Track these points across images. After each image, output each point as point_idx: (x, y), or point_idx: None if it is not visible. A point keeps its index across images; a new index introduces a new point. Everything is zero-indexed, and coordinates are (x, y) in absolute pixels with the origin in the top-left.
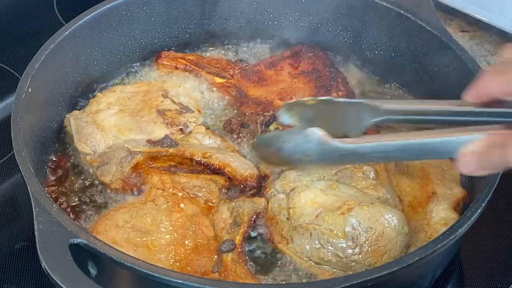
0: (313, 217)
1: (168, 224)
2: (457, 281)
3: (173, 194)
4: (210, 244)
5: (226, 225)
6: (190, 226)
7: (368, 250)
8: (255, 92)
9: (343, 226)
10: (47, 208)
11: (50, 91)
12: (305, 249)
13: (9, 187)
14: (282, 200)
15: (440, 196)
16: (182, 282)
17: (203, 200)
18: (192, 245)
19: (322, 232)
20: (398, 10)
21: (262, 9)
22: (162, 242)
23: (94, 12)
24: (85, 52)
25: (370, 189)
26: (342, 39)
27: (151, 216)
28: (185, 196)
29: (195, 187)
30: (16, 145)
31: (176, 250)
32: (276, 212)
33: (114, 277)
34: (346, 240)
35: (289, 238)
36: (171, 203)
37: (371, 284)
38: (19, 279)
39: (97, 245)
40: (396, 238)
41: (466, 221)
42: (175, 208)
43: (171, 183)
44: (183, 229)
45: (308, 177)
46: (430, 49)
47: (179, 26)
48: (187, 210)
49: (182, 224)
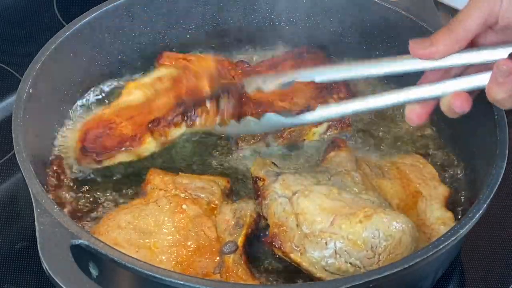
0: (327, 225)
1: (170, 225)
2: (458, 282)
3: (175, 195)
4: (212, 246)
5: (229, 227)
6: (193, 228)
7: (386, 259)
8: (256, 93)
9: (362, 234)
10: (48, 209)
11: (51, 92)
12: (320, 259)
13: (9, 187)
14: (286, 205)
15: (427, 196)
16: (183, 284)
17: (206, 201)
18: (194, 247)
19: (339, 241)
20: (399, 11)
21: (264, 9)
22: (164, 244)
23: (95, 12)
24: (86, 52)
25: (363, 194)
26: (343, 40)
27: (153, 217)
28: (187, 197)
29: (197, 188)
30: (17, 145)
31: (178, 252)
32: (283, 218)
33: (115, 278)
34: (366, 249)
35: (302, 248)
36: (174, 204)
37: (372, 286)
38: (19, 279)
39: (99, 246)
40: (411, 244)
41: (468, 221)
42: (177, 209)
43: (174, 184)
44: (186, 230)
45: (306, 181)
46: None
47: (180, 26)
48: (190, 211)
49: (185, 226)
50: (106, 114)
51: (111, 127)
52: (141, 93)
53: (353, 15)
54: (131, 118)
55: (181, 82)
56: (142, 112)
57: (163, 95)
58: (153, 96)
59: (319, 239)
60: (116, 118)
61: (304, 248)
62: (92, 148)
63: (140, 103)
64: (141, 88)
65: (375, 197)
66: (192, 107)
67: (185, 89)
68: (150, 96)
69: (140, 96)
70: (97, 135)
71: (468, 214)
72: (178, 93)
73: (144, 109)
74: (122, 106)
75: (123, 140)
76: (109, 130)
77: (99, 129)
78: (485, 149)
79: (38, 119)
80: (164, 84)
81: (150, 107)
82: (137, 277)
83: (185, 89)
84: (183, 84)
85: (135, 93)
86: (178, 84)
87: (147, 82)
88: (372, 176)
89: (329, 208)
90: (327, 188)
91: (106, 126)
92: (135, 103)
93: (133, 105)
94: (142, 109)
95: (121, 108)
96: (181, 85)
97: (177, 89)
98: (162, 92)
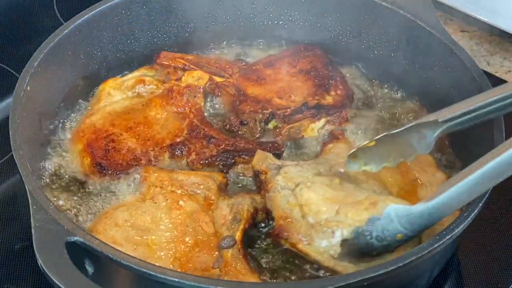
0: (333, 214)
1: (168, 221)
2: (455, 281)
3: (172, 192)
4: (210, 241)
5: (226, 222)
6: (190, 223)
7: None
8: (254, 91)
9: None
10: (44, 206)
11: (49, 90)
12: (328, 248)
13: (9, 187)
14: (289, 197)
15: (427, 183)
16: (178, 281)
17: (202, 197)
18: (192, 242)
19: (346, 229)
20: (398, 10)
21: (261, 8)
22: (162, 240)
23: (93, 11)
24: (84, 51)
25: (364, 183)
26: (341, 39)
27: (150, 214)
28: (184, 194)
29: (193, 184)
30: (14, 143)
31: (177, 248)
32: (287, 210)
33: (111, 275)
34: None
35: (309, 238)
36: (170, 200)
37: (367, 284)
38: (19, 279)
39: (94, 243)
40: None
41: (463, 220)
42: (174, 206)
43: (170, 180)
44: (183, 226)
45: (308, 172)
46: (429, 49)
47: (179, 25)
48: (187, 207)
49: (182, 222)
50: (97, 122)
51: (113, 139)
52: (121, 95)
53: (351, 13)
54: (130, 130)
55: (175, 93)
56: (138, 121)
57: (158, 106)
58: (140, 102)
59: (325, 228)
60: (112, 129)
61: (311, 238)
62: (108, 165)
63: (128, 109)
64: (120, 89)
65: (376, 186)
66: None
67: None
68: (137, 102)
69: (123, 100)
70: (102, 148)
71: (463, 213)
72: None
73: (138, 118)
74: (109, 111)
75: (137, 158)
76: (113, 142)
77: (101, 142)
78: (483, 148)
79: (35, 117)
80: (148, 87)
81: (145, 118)
82: (132, 274)
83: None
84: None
85: (115, 95)
86: (173, 96)
87: (129, 84)
88: None
89: (332, 197)
90: (328, 179)
91: (106, 138)
92: (122, 108)
93: (121, 111)
94: (135, 117)
95: (109, 114)
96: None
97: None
98: (156, 100)
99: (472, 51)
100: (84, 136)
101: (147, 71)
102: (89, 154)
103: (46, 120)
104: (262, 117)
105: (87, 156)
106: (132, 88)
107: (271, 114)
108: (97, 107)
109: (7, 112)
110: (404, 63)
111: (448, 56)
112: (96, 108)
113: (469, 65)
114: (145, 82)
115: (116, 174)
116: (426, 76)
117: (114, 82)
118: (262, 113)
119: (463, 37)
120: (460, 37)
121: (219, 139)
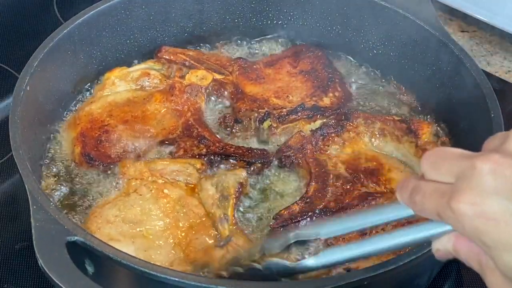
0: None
1: (158, 211)
2: (455, 280)
3: (153, 182)
4: (204, 222)
5: (215, 200)
6: (180, 209)
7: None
8: (252, 89)
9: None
10: (44, 206)
11: (49, 89)
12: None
13: (9, 187)
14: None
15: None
16: (178, 280)
17: (184, 183)
18: (187, 226)
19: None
20: (398, 10)
21: (262, 8)
22: (157, 229)
23: (92, 10)
24: (84, 50)
25: None
26: (341, 39)
27: (138, 206)
28: (166, 182)
29: (173, 172)
30: (14, 143)
31: (174, 234)
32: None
33: (111, 274)
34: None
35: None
36: (155, 190)
37: (367, 283)
38: (19, 279)
39: (94, 243)
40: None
41: None
42: (160, 195)
43: (148, 171)
44: (174, 212)
45: None
46: (429, 49)
47: (178, 24)
48: (172, 195)
49: (172, 208)
50: (95, 111)
51: (107, 130)
52: (125, 86)
53: (351, 13)
54: (126, 122)
55: (176, 91)
56: (135, 115)
57: (158, 101)
58: (142, 95)
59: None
60: (109, 120)
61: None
62: (96, 156)
63: (129, 102)
64: (125, 80)
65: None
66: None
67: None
68: (139, 95)
69: (126, 91)
70: (95, 138)
71: None
72: (180, 115)
73: (136, 111)
74: (110, 101)
75: (126, 152)
76: (106, 133)
77: (95, 132)
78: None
79: (35, 116)
80: (153, 81)
81: (143, 111)
82: (132, 273)
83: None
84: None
85: (119, 85)
86: (174, 93)
87: (134, 76)
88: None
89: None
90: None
91: (101, 128)
92: (123, 100)
93: (121, 103)
94: (134, 110)
95: (109, 104)
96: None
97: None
98: (157, 95)
99: (472, 51)
100: (79, 124)
101: (154, 64)
102: (80, 143)
103: (46, 119)
104: (257, 116)
105: (78, 145)
106: (137, 81)
107: (266, 114)
108: (100, 94)
109: (7, 113)
110: (403, 62)
111: (448, 55)
112: (99, 96)
113: (469, 65)
114: (150, 76)
115: (103, 166)
116: (426, 75)
117: (120, 72)
118: (258, 112)
119: (463, 37)
120: (460, 37)
121: (210, 140)
